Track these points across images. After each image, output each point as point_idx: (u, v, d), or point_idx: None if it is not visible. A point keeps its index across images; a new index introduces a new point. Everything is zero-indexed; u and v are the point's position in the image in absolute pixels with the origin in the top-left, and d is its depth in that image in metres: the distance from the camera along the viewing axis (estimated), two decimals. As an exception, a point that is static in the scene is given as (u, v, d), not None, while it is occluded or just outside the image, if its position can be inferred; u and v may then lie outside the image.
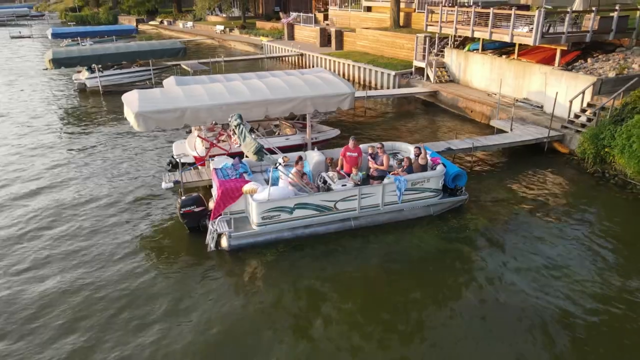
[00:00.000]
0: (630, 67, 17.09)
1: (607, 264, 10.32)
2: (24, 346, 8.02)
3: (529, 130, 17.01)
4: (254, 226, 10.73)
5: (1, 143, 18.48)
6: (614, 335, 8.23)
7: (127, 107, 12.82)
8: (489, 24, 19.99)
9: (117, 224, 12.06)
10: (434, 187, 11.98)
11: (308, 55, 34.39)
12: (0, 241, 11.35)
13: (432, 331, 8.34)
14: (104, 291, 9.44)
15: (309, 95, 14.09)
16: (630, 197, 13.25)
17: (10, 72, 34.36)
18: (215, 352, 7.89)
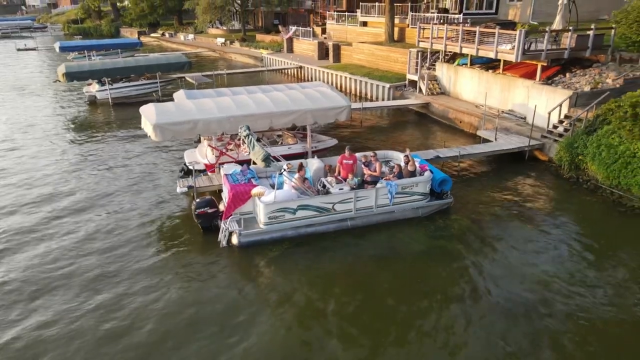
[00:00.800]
0: (604, 82, 18.58)
1: (578, 257, 11.67)
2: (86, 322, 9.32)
3: (511, 139, 18.44)
4: (261, 225, 12.07)
5: (22, 153, 19.79)
6: (584, 318, 9.56)
7: (145, 119, 14.20)
8: (476, 41, 21.52)
9: (136, 225, 13.36)
10: (422, 191, 13.35)
11: (307, 68, 35.92)
12: (35, 240, 12.65)
13: (418, 316, 9.66)
14: (129, 280, 10.73)
15: (309, 108, 15.50)
16: (600, 200, 14.63)
17: (22, 84, 35.75)
18: (225, 332, 9.19)
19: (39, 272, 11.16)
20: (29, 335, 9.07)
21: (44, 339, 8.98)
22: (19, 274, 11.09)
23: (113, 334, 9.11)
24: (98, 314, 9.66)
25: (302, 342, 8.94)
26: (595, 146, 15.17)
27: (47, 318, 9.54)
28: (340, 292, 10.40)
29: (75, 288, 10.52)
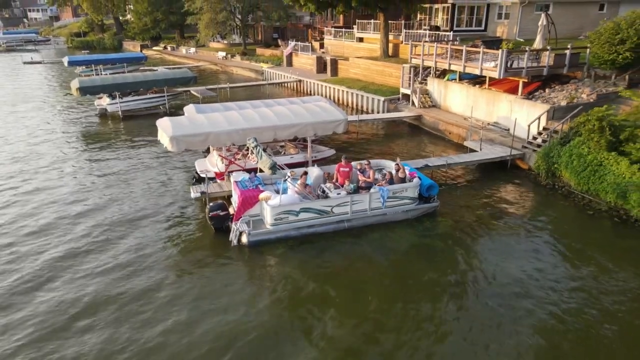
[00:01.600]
0: (580, 97, 20.28)
1: (550, 255, 13.23)
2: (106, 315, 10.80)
3: (495, 149, 20.08)
4: (268, 226, 13.61)
5: (39, 163, 21.28)
6: (553, 307, 11.09)
7: (162, 131, 15.79)
8: (463, 59, 23.25)
9: (154, 227, 14.86)
10: (411, 196, 14.93)
11: (306, 82, 37.63)
12: (62, 242, 14.14)
13: (407, 304, 11.17)
14: (154, 273, 12.22)
15: (309, 122, 17.12)
16: (572, 205, 16.22)
17: (33, 97, 37.33)
18: (235, 315, 10.68)
19: (70, 268, 12.65)
20: (70, 321, 10.56)
21: (70, 328, 10.47)
22: (54, 271, 12.57)
23: (150, 315, 10.60)
24: (130, 302, 11.14)
25: (302, 326, 10.43)
26: (567, 156, 16.81)
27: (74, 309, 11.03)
28: (337, 284, 11.91)
29: (106, 280, 12.01)
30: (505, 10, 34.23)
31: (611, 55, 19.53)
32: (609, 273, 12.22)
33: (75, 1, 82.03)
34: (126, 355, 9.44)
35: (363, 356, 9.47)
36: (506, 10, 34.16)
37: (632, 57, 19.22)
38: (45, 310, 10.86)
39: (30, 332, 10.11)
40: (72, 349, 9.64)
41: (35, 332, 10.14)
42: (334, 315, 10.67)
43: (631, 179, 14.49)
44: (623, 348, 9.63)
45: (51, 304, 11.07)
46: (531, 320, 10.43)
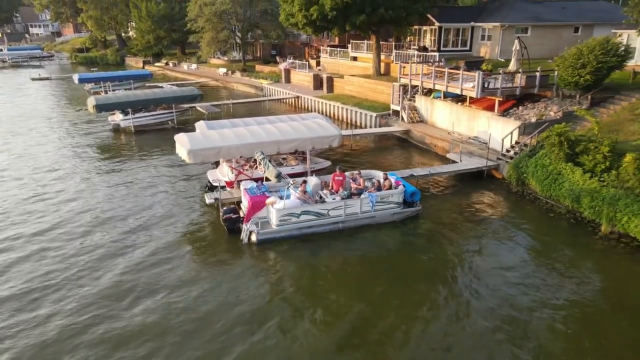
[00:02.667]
0: (548, 114, 22.85)
1: (516, 250, 15.63)
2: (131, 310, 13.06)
3: (473, 161, 22.55)
4: (274, 226, 15.94)
5: (59, 174, 23.54)
6: (516, 294, 13.46)
7: (180, 145, 18.16)
8: (445, 79, 25.84)
9: (172, 228, 17.16)
10: (396, 201, 17.32)
11: (303, 98, 40.18)
12: (88, 245, 16.42)
13: (392, 293, 13.51)
14: (176, 268, 14.52)
15: (308, 137, 19.55)
16: (537, 208, 18.65)
17: (46, 112, 39.65)
18: (244, 302, 12.98)
19: (99, 269, 14.93)
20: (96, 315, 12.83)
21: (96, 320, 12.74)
22: (77, 273, 14.84)
23: (183, 298, 12.87)
24: (166, 289, 13.42)
25: (301, 309, 12.74)
26: (533, 166, 19.29)
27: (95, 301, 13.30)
28: (333, 276, 14.24)
29: (145, 274, 14.29)
30: (488, 33, 37.03)
31: (574, 77, 22.11)
32: (563, 265, 14.61)
33: (80, 19, 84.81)
34: (181, 327, 11.72)
35: (350, 335, 11.77)
36: (488, 33, 36.96)
37: (592, 80, 21.79)
38: (107, 293, 13.14)
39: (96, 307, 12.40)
40: (136, 321, 11.92)
41: (100, 308, 12.42)
42: (328, 301, 12.99)
43: (583, 186, 16.93)
44: (573, 322, 11.99)
45: (106, 291, 13.34)
46: (493, 302, 12.79)
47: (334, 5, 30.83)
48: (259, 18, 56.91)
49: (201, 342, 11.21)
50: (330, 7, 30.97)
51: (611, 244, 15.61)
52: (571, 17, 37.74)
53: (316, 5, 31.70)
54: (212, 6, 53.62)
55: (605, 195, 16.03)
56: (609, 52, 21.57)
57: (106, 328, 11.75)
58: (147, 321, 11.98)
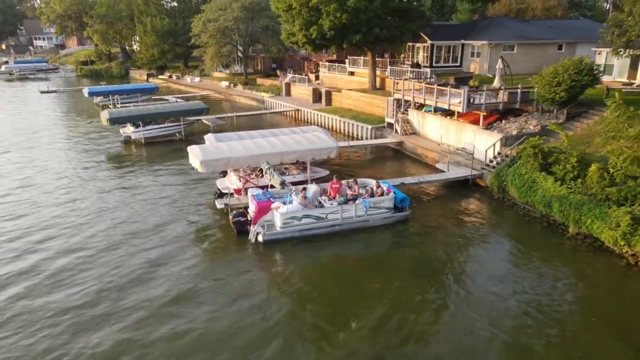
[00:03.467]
0: (528, 128, 24.95)
1: (495, 249, 17.63)
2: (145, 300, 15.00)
3: (460, 170, 24.59)
4: (278, 228, 17.92)
5: (77, 182, 25.53)
6: (491, 286, 15.42)
7: (193, 156, 20.18)
8: (434, 95, 28.00)
9: (186, 231, 19.12)
10: (387, 206, 19.33)
11: (303, 111, 42.32)
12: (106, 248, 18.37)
13: (383, 287, 15.48)
14: (189, 264, 16.46)
15: (308, 149, 21.60)
16: (515, 213, 20.65)
17: (58, 125, 41.71)
18: (252, 293, 14.93)
19: (119, 272, 16.88)
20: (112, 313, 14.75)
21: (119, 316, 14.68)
22: (105, 268, 16.78)
23: (198, 290, 14.81)
24: (185, 283, 15.36)
25: (302, 303, 14.69)
26: (512, 175, 21.33)
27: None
28: (330, 272, 16.22)
29: (158, 271, 16.23)
30: (477, 50, 39.32)
31: (551, 94, 24.23)
32: (537, 262, 16.59)
33: (86, 33, 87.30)
34: (202, 312, 13.66)
35: (344, 323, 13.72)
36: (477, 50, 39.25)
37: (567, 96, 23.90)
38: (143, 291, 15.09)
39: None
40: (171, 324, 13.85)
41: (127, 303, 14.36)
42: (326, 294, 14.95)
43: (554, 192, 18.95)
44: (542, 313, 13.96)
45: (133, 284, 15.28)
46: (474, 292, 14.76)
47: (332, 26, 33.10)
48: (260, 33, 59.25)
49: (222, 326, 13.15)
50: (329, 27, 33.24)
51: (577, 244, 17.60)
52: (556, 35, 40.06)
53: (315, 25, 33.97)
54: (216, 22, 56.04)
55: (572, 201, 18.05)
56: (582, 72, 23.73)
57: (140, 316, 13.67)
58: (175, 307, 13.91)
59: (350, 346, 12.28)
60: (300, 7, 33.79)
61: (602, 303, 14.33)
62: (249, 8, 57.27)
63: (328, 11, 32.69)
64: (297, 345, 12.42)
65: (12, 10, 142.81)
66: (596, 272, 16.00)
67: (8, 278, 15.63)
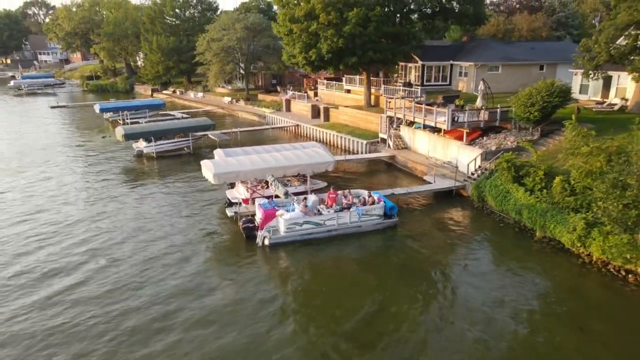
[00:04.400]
0: (506, 144, 27.68)
1: (472, 251, 20.22)
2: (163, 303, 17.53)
3: (445, 182, 27.24)
4: (282, 233, 20.49)
5: (95, 193, 28.09)
6: (468, 284, 18.00)
7: (206, 169, 22.83)
8: (422, 113, 30.78)
9: (199, 235, 21.68)
10: (378, 214, 21.94)
11: (303, 126, 45.06)
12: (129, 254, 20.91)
13: (375, 284, 18.04)
14: (205, 265, 19.01)
15: (308, 163, 24.27)
16: (492, 220, 23.26)
17: (71, 139, 44.34)
18: (264, 291, 17.48)
19: (136, 273, 19.41)
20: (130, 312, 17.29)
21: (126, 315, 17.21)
22: (126, 269, 19.32)
23: (214, 286, 17.34)
24: (201, 278, 17.90)
25: (304, 297, 17.24)
26: (489, 186, 24.00)
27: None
28: (327, 272, 18.79)
29: (171, 269, 18.77)
30: (465, 70, 42.27)
31: (526, 114, 27.00)
32: (509, 261, 19.20)
33: (92, 50, 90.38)
34: (219, 302, 16.18)
35: (340, 314, 16.26)
36: (465, 70, 42.20)
37: (540, 116, 26.67)
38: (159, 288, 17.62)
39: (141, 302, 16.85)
40: (185, 311, 16.37)
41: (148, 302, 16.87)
42: (324, 290, 17.51)
43: (524, 201, 21.59)
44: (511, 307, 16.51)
45: (154, 283, 17.81)
46: (450, 286, 17.33)
47: (330, 49, 35.99)
48: (261, 51, 62.24)
49: (239, 317, 15.68)
50: (327, 51, 36.13)
51: (543, 246, 20.20)
52: (538, 56, 43.08)
53: (314, 48, 36.87)
54: (220, 42, 59.06)
55: (539, 209, 20.69)
56: (553, 94, 26.52)
57: (168, 309, 16.19)
58: (196, 298, 16.44)
59: (343, 332, 14.81)
60: (300, 32, 36.72)
61: (561, 295, 16.90)
62: (251, 28, 60.40)
63: (326, 36, 35.61)
64: (295, 328, 14.95)
65: (17, 26, 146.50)
66: (557, 269, 18.55)
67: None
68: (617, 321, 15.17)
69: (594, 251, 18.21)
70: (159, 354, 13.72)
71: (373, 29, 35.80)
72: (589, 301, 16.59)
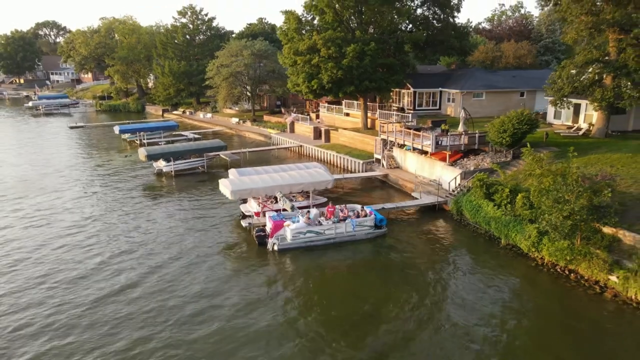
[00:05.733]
0: (482, 164, 31.83)
1: (452, 256, 24.26)
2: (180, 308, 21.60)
3: (430, 198, 31.33)
4: (289, 240, 24.56)
5: (130, 209, 32.26)
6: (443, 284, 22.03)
7: (224, 187, 27.03)
8: (411, 137, 35.04)
9: (216, 242, 25.74)
10: (369, 225, 26.01)
11: (305, 147, 49.34)
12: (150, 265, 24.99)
13: (366, 285, 22.07)
14: (224, 267, 23.06)
15: (310, 182, 28.45)
16: (468, 230, 27.29)
17: (95, 158, 48.71)
18: (274, 289, 21.51)
19: (157, 282, 23.48)
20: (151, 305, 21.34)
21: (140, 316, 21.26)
22: (172, 271, 23.38)
23: (231, 286, 21.38)
24: (219, 280, 21.93)
25: (307, 294, 21.28)
26: (465, 202, 28.09)
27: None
28: (327, 273, 22.82)
29: (191, 270, 22.82)
30: (452, 96, 46.68)
31: (499, 139, 31.20)
32: (478, 264, 23.21)
33: (107, 72, 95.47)
34: (236, 299, 20.20)
35: (337, 310, 20.26)
36: (452, 96, 46.60)
37: (511, 141, 30.86)
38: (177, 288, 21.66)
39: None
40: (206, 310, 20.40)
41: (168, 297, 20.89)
42: (323, 288, 21.55)
43: (493, 214, 25.64)
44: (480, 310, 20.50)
45: (182, 285, 21.85)
46: (426, 282, 21.34)
47: (330, 79, 40.48)
48: (266, 76, 67.03)
49: (253, 301, 19.69)
50: (327, 81, 40.60)
51: (506, 251, 24.21)
52: (518, 84, 47.49)
53: (316, 78, 41.36)
54: (228, 68, 63.83)
55: (504, 220, 24.74)
56: (522, 122, 30.73)
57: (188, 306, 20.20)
58: (215, 295, 20.46)
59: (337, 316, 18.80)
60: (303, 64, 41.26)
61: (519, 291, 20.88)
62: (257, 54, 65.28)
63: (326, 68, 40.12)
64: (295, 315, 18.95)
65: (31, 47, 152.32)
66: (517, 271, 22.50)
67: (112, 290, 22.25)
68: (554, 311, 19.14)
69: (544, 255, 22.22)
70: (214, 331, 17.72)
71: (369, 62, 40.30)
72: (539, 296, 20.53)
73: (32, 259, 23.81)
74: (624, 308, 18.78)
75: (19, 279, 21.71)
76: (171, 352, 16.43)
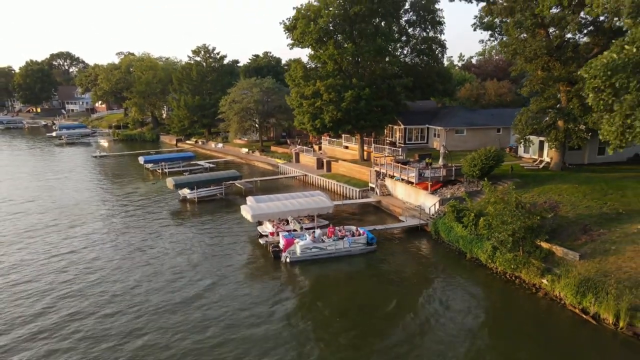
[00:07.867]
0: (457, 193, 38.34)
1: (429, 269, 30.61)
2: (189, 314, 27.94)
3: (414, 220, 37.74)
4: (298, 254, 30.91)
5: (160, 233, 38.66)
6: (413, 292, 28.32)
7: (245, 211, 33.58)
8: (399, 170, 41.70)
9: (239, 256, 32.08)
10: (363, 242, 32.40)
11: (309, 176, 55.96)
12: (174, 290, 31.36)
13: (360, 291, 28.38)
14: (245, 277, 29.39)
15: (314, 207, 35.00)
16: (443, 248, 33.59)
17: (124, 187, 55.32)
18: (287, 294, 27.83)
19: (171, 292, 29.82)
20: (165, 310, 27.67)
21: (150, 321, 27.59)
22: (203, 280, 29.71)
23: (249, 292, 27.70)
24: (238, 288, 28.24)
25: (313, 297, 27.59)
26: (441, 224, 34.49)
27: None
28: (329, 280, 29.14)
29: (206, 282, 29.13)
30: (437, 132, 53.54)
31: (471, 172, 37.74)
32: (448, 274, 29.52)
33: (125, 104, 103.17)
34: (254, 301, 26.49)
35: (338, 312, 26.54)
36: (438, 132, 53.47)
37: (480, 173, 37.39)
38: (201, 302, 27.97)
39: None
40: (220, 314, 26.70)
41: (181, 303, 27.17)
42: (327, 293, 27.87)
43: (461, 234, 31.99)
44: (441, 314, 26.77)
45: (207, 293, 28.15)
46: (402, 287, 27.63)
47: (331, 119, 47.43)
48: (274, 110, 74.22)
49: (266, 307, 25.93)
50: (328, 120, 47.56)
51: (471, 263, 30.51)
52: (496, 121, 54.40)
53: (319, 118, 48.32)
54: (240, 104, 71.10)
55: (469, 238, 31.12)
56: (490, 158, 37.34)
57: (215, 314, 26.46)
58: (239, 297, 26.71)
59: (338, 319, 25.05)
60: (308, 106, 48.27)
61: (478, 293, 27.07)
62: (266, 91, 72.65)
63: (328, 110, 47.12)
64: (304, 312, 25.20)
65: (48, 79, 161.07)
66: (477, 279, 28.73)
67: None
68: (502, 307, 25.37)
69: (498, 265, 28.53)
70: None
71: (364, 105, 47.30)
72: (492, 296, 26.75)
73: (100, 276, 30.22)
74: (551, 303, 25.02)
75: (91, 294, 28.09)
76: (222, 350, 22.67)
